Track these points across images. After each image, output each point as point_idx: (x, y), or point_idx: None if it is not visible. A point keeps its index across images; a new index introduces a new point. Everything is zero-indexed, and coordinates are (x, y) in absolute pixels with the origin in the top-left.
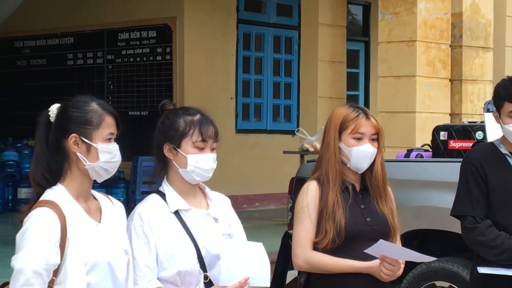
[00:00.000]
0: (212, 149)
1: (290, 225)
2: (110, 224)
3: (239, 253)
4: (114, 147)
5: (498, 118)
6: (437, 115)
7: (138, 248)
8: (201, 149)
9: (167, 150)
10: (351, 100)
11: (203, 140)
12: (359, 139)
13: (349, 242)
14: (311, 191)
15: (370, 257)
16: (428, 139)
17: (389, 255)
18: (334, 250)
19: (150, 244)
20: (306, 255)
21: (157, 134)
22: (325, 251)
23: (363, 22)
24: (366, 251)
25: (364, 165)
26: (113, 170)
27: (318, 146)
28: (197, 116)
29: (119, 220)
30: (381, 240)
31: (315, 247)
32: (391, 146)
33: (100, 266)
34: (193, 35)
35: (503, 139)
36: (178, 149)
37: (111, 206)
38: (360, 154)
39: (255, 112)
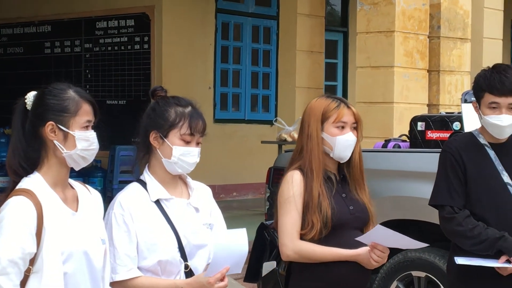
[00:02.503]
0: (198, 144)
1: (268, 215)
2: (87, 213)
3: (225, 242)
4: (92, 134)
5: (478, 108)
6: (415, 105)
7: (119, 237)
8: (187, 142)
9: (153, 138)
10: (330, 90)
11: (191, 134)
12: (342, 127)
13: (334, 232)
14: (296, 180)
15: (355, 245)
16: (406, 130)
17: (382, 242)
18: (320, 240)
19: (131, 233)
20: (295, 244)
21: (145, 120)
22: (312, 241)
23: (341, 13)
24: (358, 238)
25: (347, 154)
26: (90, 158)
27: (296, 136)
28: (188, 109)
29: (96, 209)
30: (378, 226)
31: (301, 238)
32: (369, 137)
33: (77, 255)
34: (171, 24)
35: (482, 129)
36: (165, 139)
37: (88, 195)
38: (344, 143)
39: (233, 102)
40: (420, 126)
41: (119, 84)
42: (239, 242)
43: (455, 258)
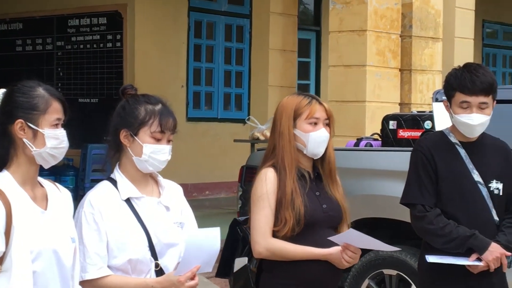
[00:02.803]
0: (169, 141)
1: (240, 213)
2: (57, 212)
3: (198, 241)
4: (61, 132)
5: (449, 107)
6: (386, 104)
7: (89, 236)
8: (158, 140)
9: (123, 136)
10: (302, 89)
11: (162, 132)
12: (315, 124)
13: (306, 229)
14: (269, 178)
15: (327, 244)
16: (378, 128)
17: (354, 244)
18: (292, 238)
19: (101, 231)
20: (267, 242)
21: (115, 118)
22: (284, 238)
23: (314, 11)
24: (331, 238)
25: (321, 150)
26: (60, 156)
27: (269, 134)
28: (159, 106)
29: (66, 208)
30: (351, 229)
31: (274, 235)
32: (341, 135)
33: (46, 254)
34: (144, 22)
35: (453, 128)
36: (135, 137)
37: (58, 193)
38: (317, 139)
39: (206, 101)
40: (392, 124)
41: (91, 82)
42: (211, 241)
43: (426, 256)
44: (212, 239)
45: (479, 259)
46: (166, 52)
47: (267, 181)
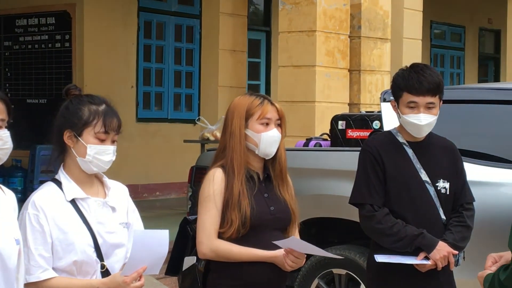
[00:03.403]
0: (113, 141)
1: (190, 214)
2: (0, 213)
3: (145, 242)
4: (5, 133)
5: (396, 107)
6: (336, 104)
7: (33, 237)
8: (102, 141)
9: (67, 137)
10: (253, 89)
11: (106, 132)
12: (267, 124)
13: (253, 231)
14: (217, 178)
15: (273, 246)
16: (327, 128)
17: (296, 249)
18: (239, 239)
19: (45, 233)
20: (212, 243)
21: (59, 119)
22: (230, 240)
23: (264, 12)
24: (275, 242)
25: (273, 150)
26: (4, 157)
27: (219, 135)
28: (103, 107)
29: (10, 209)
30: (293, 237)
31: (220, 236)
32: (291, 135)
33: None
34: (93, 22)
35: (401, 128)
36: (79, 138)
37: (2, 195)
38: (269, 139)
39: (156, 101)
40: (341, 125)
41: (40, 83)
42: (159, 242)
43: (375, 256)
44: (160, 240)
45: (426, 258)
46: (115, 53)
47: (214, 181)
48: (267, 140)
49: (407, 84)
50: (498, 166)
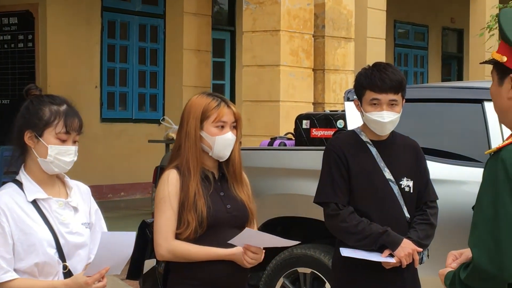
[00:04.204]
0: (75, 142)
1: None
2: None
3: (112, 243)
4: None
5: (360, 106)
6: (300, 104)
7: None
8: (63, 141)
9: (28, 138)
10: (218, 89)
11: (67, 132)
12: (222, 127)
13: (211, 230)
14: (171, 180)
15: (231, 244)
16: (292, 128)
17: (253, 244)
18: (196, 239)
19: (6, 234)
20: (169, 244)
21: (19, 119)
22: (188, 240)
23: (229, 11)
24: (230, 241)
25: (226, 153)
26: None
27: None
28: (63, 107)
29: None
30: (246, 229)
31: (177, 237)
32: (255, 135)
33: None
34: (56, 22)
35: (364, 127)
36: (40, 138)
37: None
38: (224, 142)
39: (120, 101)
40: (305, 124)
41: (3, 83)
42: (125, 244)
43: (340, 249)
44: (126, 242)
45: (391, 255)
46: (79, 53)
47: (169, 183)
48: (222, 143)
49: (370, 82)
50: (461, 164)
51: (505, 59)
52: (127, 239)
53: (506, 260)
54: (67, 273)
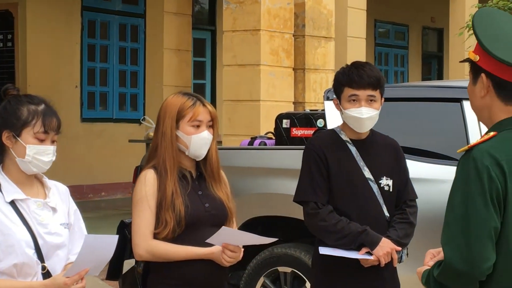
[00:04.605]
0: (53, 142)
1: None
2: None
3: (94, 246)
4: None
5: (339, 105)
6: (281, 103)
7: None
8: (42, 141)
9: (5, 137)
10: (198, 88)
11: (45, 132)
12: (198, 126)
13: (189, 230)
14: (149, 180)
15: (210, 243)
16: (272, 127)
17: (231, 242)
18: (175, 239)
19: None
20: (148, 244)
21: None
22: (166, 240)
23: (209, 11)
24: (208, 241)
25: (203, 152)
26: None
27: None
28: (42, 106)
29: None
30: (223, 227)
31: (155, 237)
32: (236, 134)
33: None
34: (36, 22)
35: (344, 126)
36: (18, 138)
37: None
38: (200, 141)
39: (100, 101)
40: (285, 123)
41: None
42: (107, 247)
43: (319, 248)
44: (108, 245)
45: (369, 253)
46: (59, 52)
47: (146, 183)
48: (198, 142)
49: (348, 79)
50: (440, 163)
51: (477, 58)
52: (110, 242)
53: (477, 258)
54: (46, 274)
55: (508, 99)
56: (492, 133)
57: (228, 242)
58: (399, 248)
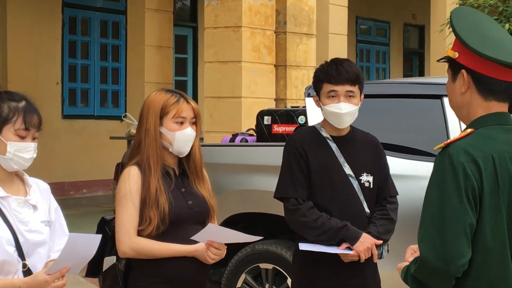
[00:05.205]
0: (34, 138)
1: None
2: None
3: (77, 245)
4: None
5: (318, 101)
6: (262, 100)
7: None
8: (23, 138)
9: None
10: (180, 85)
11: (26, 129)
12: (181, 123)
13: (173, 227)
14: (132, 176)
15: (194, 241)
16: (254, 124)
17: (217, 239)
18: (159, 236)
19: None
20: (132, 241)
21: None
22: (150, 237)
23: (191, 8)
24: (193, 238)
25: (186, 149)
26: None
27: None
28: (22, 103)
29: None
30: (210, 224)
31: (139, 234)
32: (217, 131)
33: None
34: (16, 18)
35: (324, 122)
36: None
37: None
38: (183, 138)
39: (82, 98)
40: (267, 120)
41: None
42: (89, 246)
43: (299, 244)
44: (91, 244)
45: (349, 248)
46: (40, 49)
47: (130, 179)
48: (181, 139)
49: (326, 75)
50: (422, 160)
51: (457, 55)
52: (93, 242)
53: (452, 255)
54: (27, 272)
55: (487, 93)
56: (469, 130)
57: (213, 240)
58: (380, 242)
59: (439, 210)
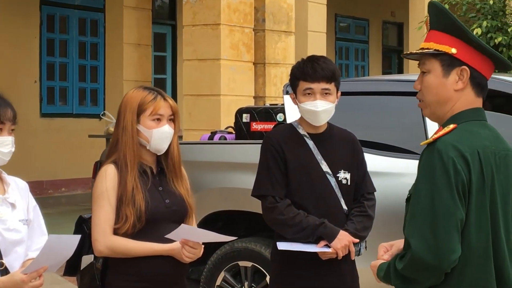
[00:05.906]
0: (10, 132)
1: None
2: None
3: (56, 245)
4: None
5: (295, 99)
6: (241, 98)
7: None
8: None
9: None
10: (159, 83)
11: (1, 122)
12: (158, 120)
13: (149, 225)
14: (109, 175)
15: (170, 239)
16: (233, 122)
17: (191, 239)
18: (135, 234)
19: None
20: (108, 240)
21: None
22: (126, 235)
23: (170, 5)
24: (167, 236)
25: (164, 146)
26: None
27: None
28: None
29: None
30: (182, 225)
31: (115, 232)
32: (196, 129)
33: None
34: None
35: (301, 120)
36: None
37: None
38: (161, 135)
39: (60, 96)
40: (245, 117)
41: None
42: (67, 247)
43: (277, 243)
44: (69, 245)
45: (327, 246)
46: (17, 47)
47: (107, 178)
48: (159, 136)
49: (302, 73)
50: (399, 157)
51: (454, 50)
52: (72, 242)
53: (444, 250)
54: (4, 271)
55: (480, 90)
56: (452, 126)
57: (188, 238)
58: (357, 240)
59: (430, 205)
